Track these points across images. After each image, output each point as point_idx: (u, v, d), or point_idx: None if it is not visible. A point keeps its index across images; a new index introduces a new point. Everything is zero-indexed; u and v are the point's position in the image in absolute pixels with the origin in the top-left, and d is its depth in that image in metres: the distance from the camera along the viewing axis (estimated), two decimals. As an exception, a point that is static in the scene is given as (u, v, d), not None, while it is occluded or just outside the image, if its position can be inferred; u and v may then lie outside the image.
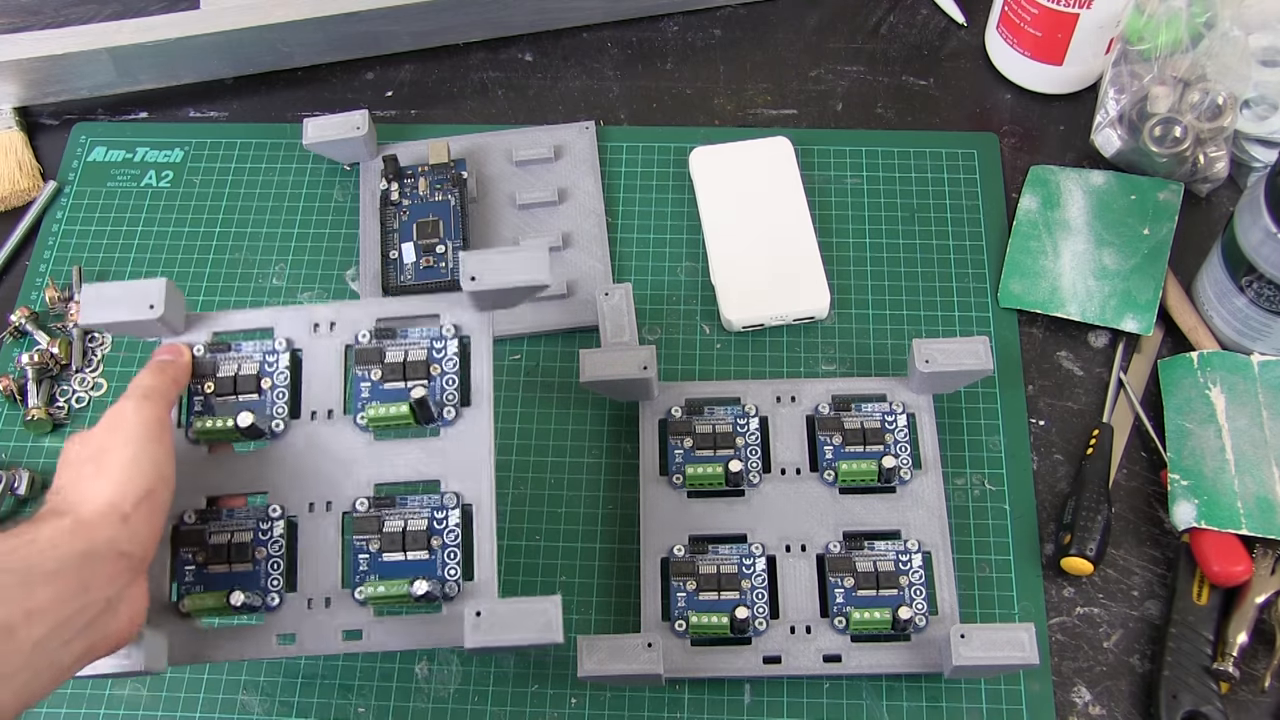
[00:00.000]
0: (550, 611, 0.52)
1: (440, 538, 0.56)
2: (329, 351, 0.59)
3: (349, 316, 0.59)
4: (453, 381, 0.58)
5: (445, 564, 0.56)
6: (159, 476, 0.51)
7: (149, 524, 0.50)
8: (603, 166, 0.78)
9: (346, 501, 0.57)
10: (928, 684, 0.62)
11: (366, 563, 0.56)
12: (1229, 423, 0.65)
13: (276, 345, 0.59)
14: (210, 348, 0.59)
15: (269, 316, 0.60)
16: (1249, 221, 0.63)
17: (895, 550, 0.63)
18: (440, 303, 0.59)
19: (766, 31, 0.84)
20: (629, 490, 0.68)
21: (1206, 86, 0.71)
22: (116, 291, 0.57)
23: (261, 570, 0.56)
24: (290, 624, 0.56)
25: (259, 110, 0.83)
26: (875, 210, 0.76)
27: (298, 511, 0.57)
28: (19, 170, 0.79)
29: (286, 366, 0.59)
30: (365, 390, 0.58)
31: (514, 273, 0.56)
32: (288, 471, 0.58)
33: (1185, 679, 0.60)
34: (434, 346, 0.58)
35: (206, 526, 0.57)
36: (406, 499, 0.57)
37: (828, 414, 0.66)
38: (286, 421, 0.58)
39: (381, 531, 0.56)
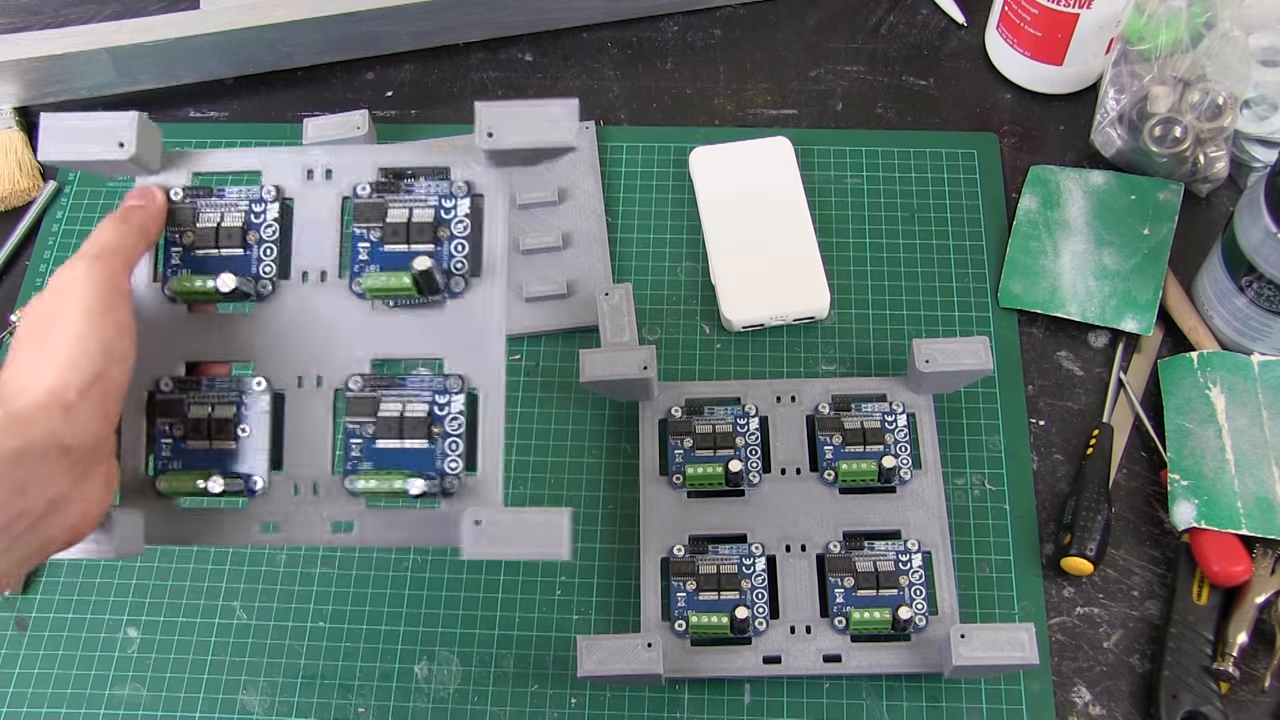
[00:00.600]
0: (559, 523, 0.47)
1: (441, 425, 0.50)
2: (324, 203, 0.52)
3: (347, 163, 0.52)
4: (462, 247, 0.51)
5: (446, 455, 0.50)
6: (111, 355, 0.45)
7: (98, 411, 0.44)
8: (603, 166, 0.78)
9: (339, 377, 0.51)
10: (928, 684, 0.62)
11: (359, 449, 0.50)
12: (1229, 423, 0.65)
13: (264, 193, 0.52)
14: (190, 192, 0.52)
15: (257, 158, 0.53)
16: (1249, 221, 0.63)
17: (895, 550, 0.63)
18: (451, 154, 0.52)
19: (766, 31, 0.84)
20: (629, 490, 0.68)
21: (1206, 86, 0.71)
22: (81, 123, 0.50)
23: (243, 449, 0.51)
24: (276, 510, 0.50)
25: (259, 110, 0.83)
26: (875, 210, 0.76)
27: (285, 385, 0.51)
28: (19, 170, 0.79)
29: (275, 218, 0.52)
30: (363, 252, 0.51)
31: (537, 131, 0.48)
32: (275, 339, 0.51)
33: (1185, 679, 0.60)
34: (443, 205, 0.51)
35: (185, 396, 0.51)
36: (405, 379, 0.51)
37: (828, 414, 0.66)
38: (274, 282, 0.51)
39: (377, 415, 0.50)
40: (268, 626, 0.65)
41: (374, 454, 0.50)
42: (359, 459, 0.50)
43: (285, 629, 0.65)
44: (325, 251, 0.52)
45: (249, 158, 0.53)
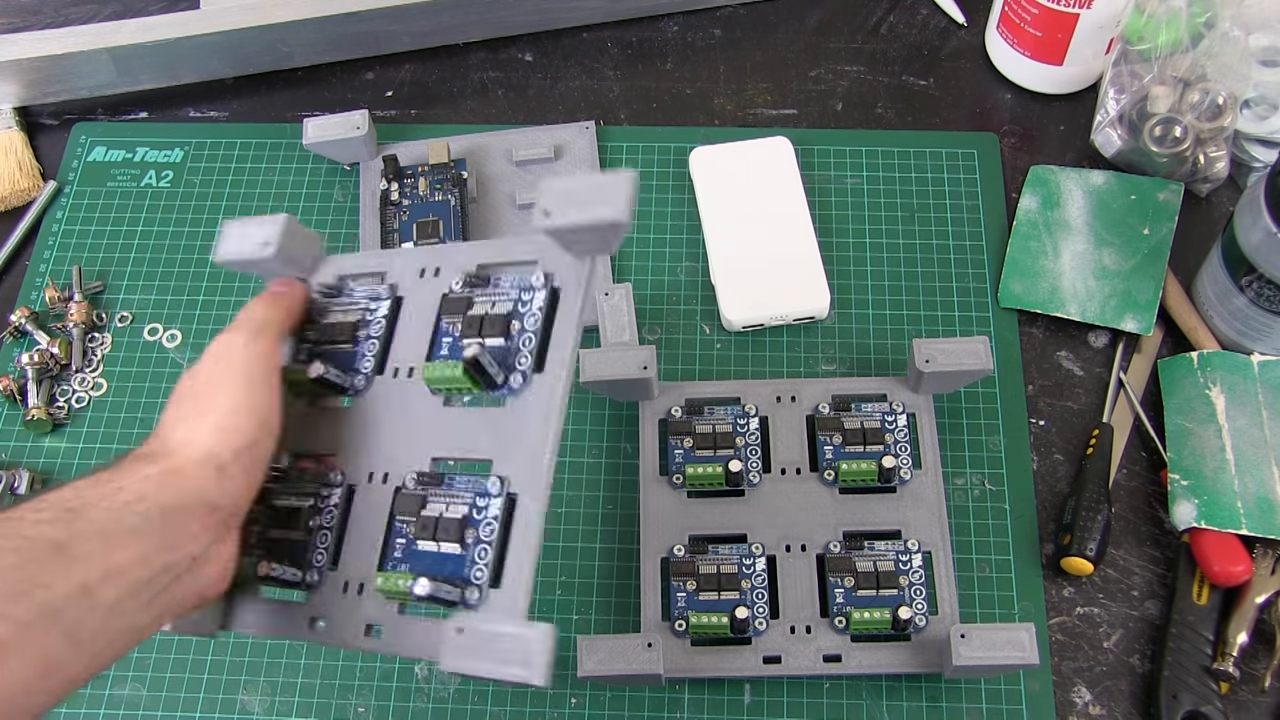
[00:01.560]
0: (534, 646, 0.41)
1: (476, 529, 0.46)
2: (428, 300, 0.51)
3: (454, 261, 0.51)
4: (529, 341, 0.48)
5: (475, 562, 0.46)
6: (265, 425, 0.46)
7: (247, 477, 0.46)
8: (603, 166, 0.78)
9: (402, 475, 0.49)
10: (928, 684, 0.62)
11: (402, 550, 0.48)
12: (1229, 423, 0.65)
13: (382, 291, 0.52)
14: (326, 291, 0.53)
15: (384, 260, 0.53)
16: (1249, 221, 0.63)
17: (895, 550, 0.63)
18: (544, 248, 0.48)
19: (766, 31, 0.84)
20: (629, 490, 0.68)
21: (1206, 86, 0.71)
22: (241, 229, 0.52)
23: (311, 541, 0.50)
24: (325, 607, 0.49)
25: (259, 110, 0.83)
26: (875, 210, 0.76)
27: (358, 480, 0.50)
28: (19, 170, 0.79)
29: (385, 315, 0.52)
30: (445, 347, 0.50)
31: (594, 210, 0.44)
32: (360, 433, 0.50)
33: (1185, 679, 0.60)
34: (520, 298, 0.49)
35: (275, 486, 0.51)
36: (455, 479, 0.48)
37: (828, 414, 0.66)
38: (369, 377, 0.51)
39: (419, 514, 0.48)
40: (268, 626, 0.65)
41: (413, 555, 0.48)
42: (399, 560, 0.48)
43: (285, 629, 0.65)
44: (419, 348, 0.51)
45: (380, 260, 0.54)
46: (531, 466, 0.46)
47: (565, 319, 0.47)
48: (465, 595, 0.45)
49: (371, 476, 0.50)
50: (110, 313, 0.75)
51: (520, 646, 0.41)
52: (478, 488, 0.47)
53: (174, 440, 0.45)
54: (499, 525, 0.46)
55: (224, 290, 0.75)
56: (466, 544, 0.46)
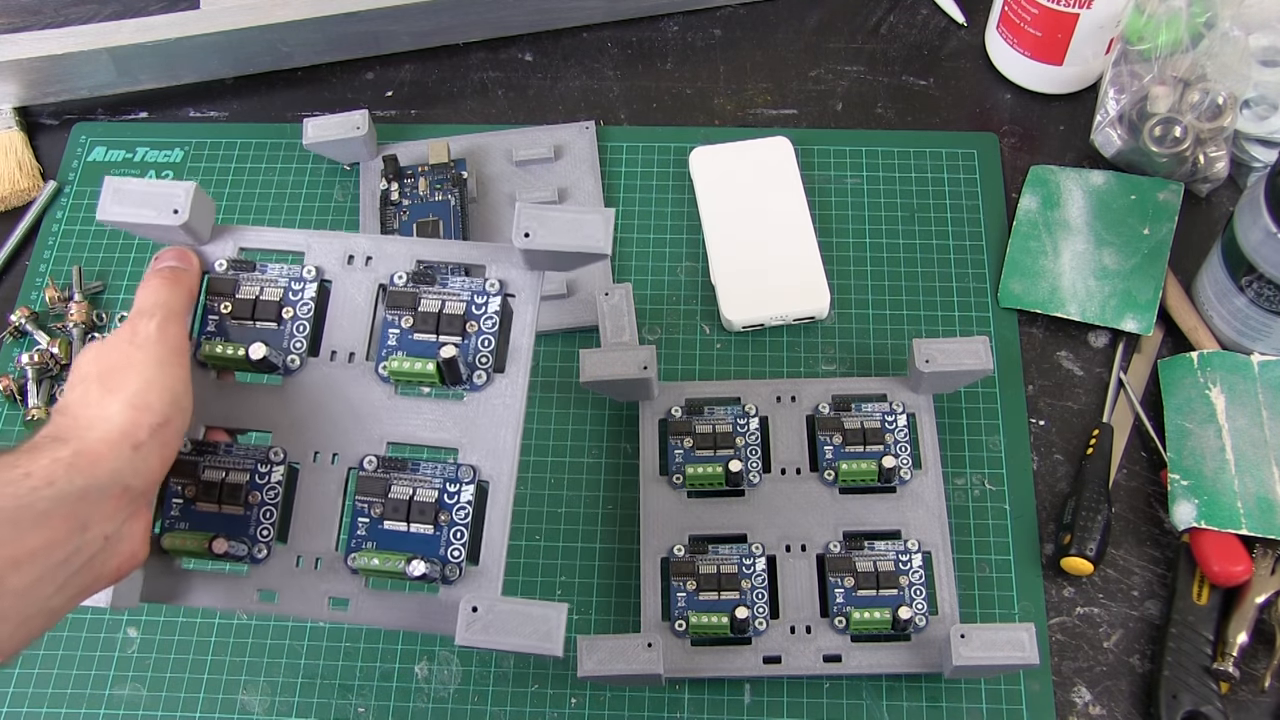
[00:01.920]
0: (552, 619, 0.48)
1: (449, 513, 0.51)
2: (360, 288, 0.54)
3: (388, 252, 0.54)
4: (488, 342, 0.52)
5: (450, 543, 0.51)
6: (178, 404, 0.47)
7: (160, 456, 0.46)
8: (603, 166, 0.78)
9: (355, 457, 0.52)
10: (928, 684, 0.62)
11: (366, 528, 0.51)
12: (1229, 423, 0.65)
13: (305, 273, 0.54)
14: (234, 264, 0.54)
15: (302, 239, 0.54)
16: (1249, 221, 0.63)
17: (895, 550, 0.63)
18: (489, 253, 0.53)
19: (766, 31, 0.84)
20: (629, 490, 0.68)
21: (1206, 86, 0.71)
22: (140, 189, 0.52)
23: (253, 517, 0.52)
24: (275, 580, 0.51)
25: (259, 110, 0.83)
26: (875, 210, 0.76)
27: (301, 459, 0.52)
28: (19, 170, 0.79)
29: (312, 297, 0.53)
30: (393, 338, 0.53)
31: (571, 237, 0.50)
32: (297, 413, 0.53)
33: (1185, 679, 0.60)
34: (474, 301, 0.52)
35: (201, 460, 0.52)
36: (419, 464, 0.52)
37: (828, 414, 0.66)
38: (303, 358, 0.53)
39: (387, 496, 0.51)
40: (268, 626, 0.65)
41: (379, 534, 0.51)
42: (364, 538, 0.51)
43: (285, 629, 0.65)
44: (356, 334, 0.53)
45: (294, 237, 0.55)
46: (501, 457, 0.51)
47: (521, 324, 0.52)
48: (446, 572, 0.50)
49: (318, 456, 0.52)
50: (110, 313, 0.75)
51: (541, 623, 0.48)
52: (447, 474, 0.51)
53: (84, 418, 0.45)
54: (472, 509, 0.51)
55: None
56: (440, 525, 0.51)
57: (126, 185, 0.52)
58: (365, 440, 0.52)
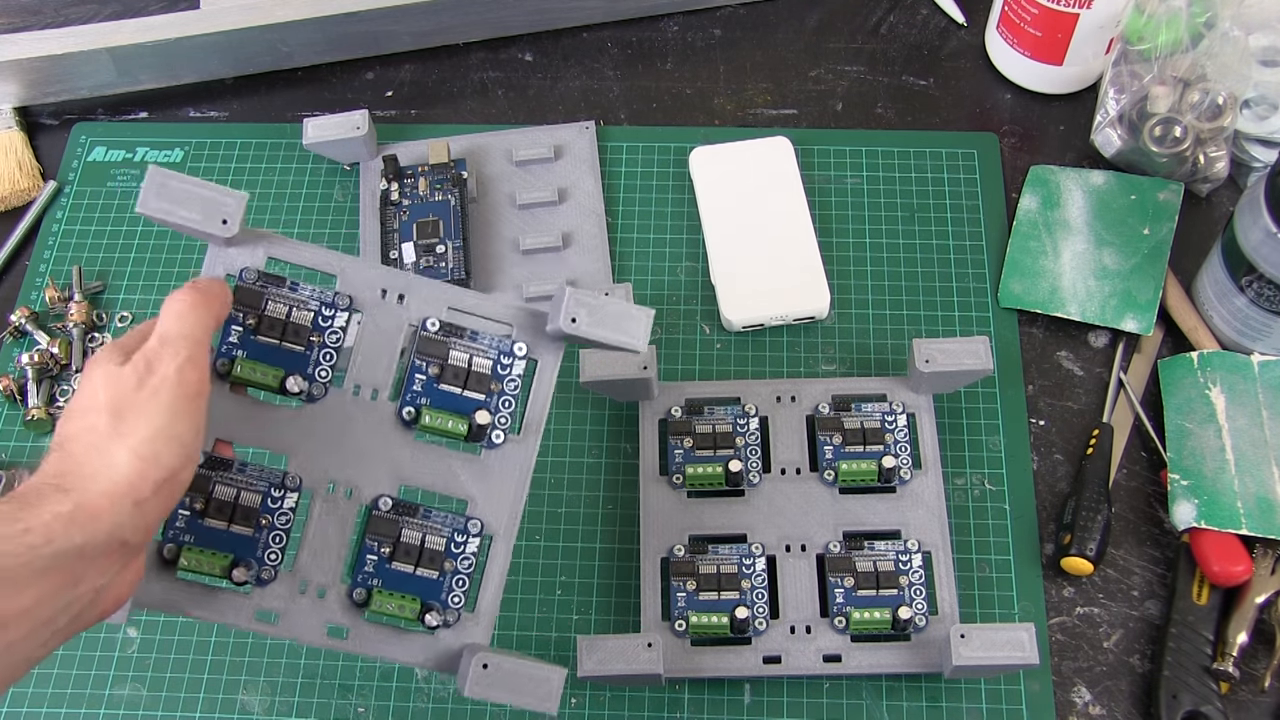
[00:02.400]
0: (554, 681, 0.52)
1: (454, 561, 0.54)
2: (392, 326, 0.54)
3: (422, 294, 0.54)
4: (509, 404, 0.54)
5: (452, 590, 0.53)
6: (185, 457, 0.44)
7: (161, 510, 0.44)
8: (603, 166, 0.78)
9: (369, 494, 0.53)
10: (928, 684, 0.62)
11: (374, 565, 0.53)
12: (1229, 423, 0.65)
13: (337, 300, 0.53)
14: (264, 277, 0.53)
15: (336, 262, 0.53)
16: (1249, 221, 0.63)
17: (895, 550, 0.63)
18: (519, 316, 0.54)
19: (766, 31, 0.84)
20: (629, 490, 0.68)
21: (1206, 86, 0.71)
22: (189, 188, 0.50)
23: (261, 539, 0.52)
24: (276, 603, 0.52)
25: (259, 110, 0.83)
26: (875, 210, 0.76)
27: (315, 488, 0.53)
28: (19, 170, 0.79)
29: (342, 327, 0.53)
30: (418, 384, 0.53)
31: (615, 331, 0.52)
32: (316, 442, 0.53)
33: (1185, 679, 0.60)
34: (500, 362, 0.54)
35: (213, 474, 0.52)
36: (431, 511, 0.54)
37: (828, 414, 0.66)
38: (327, 387, 0.53)
39: (398, 539, 0.53)
40: (268, 626, 0.65)
41: (385, 574, 0.53)
42: (370, 575, 0.53)
43: (285, 629, 0.65)
44: (381, 372, 0.53)
45: (328, 259, 0.53)
46: (507, 514, 0.54)
47: (540, 391, 0.54)
48: (446, 617, 0.53)
49: (333, 488, 0.53)
50: (110, 313, 0.75)
51: (543, 684, 0.52)
52: (455, 524, 0.54)
53: (89, 466, 0.43)
54: (476, 561, 0.54)
55: (224, 290, 0.75)
56: (445, 573, 0.53)
57: (174, 181, 0.50)
58: (382, 479, 0.53)
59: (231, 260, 0.53)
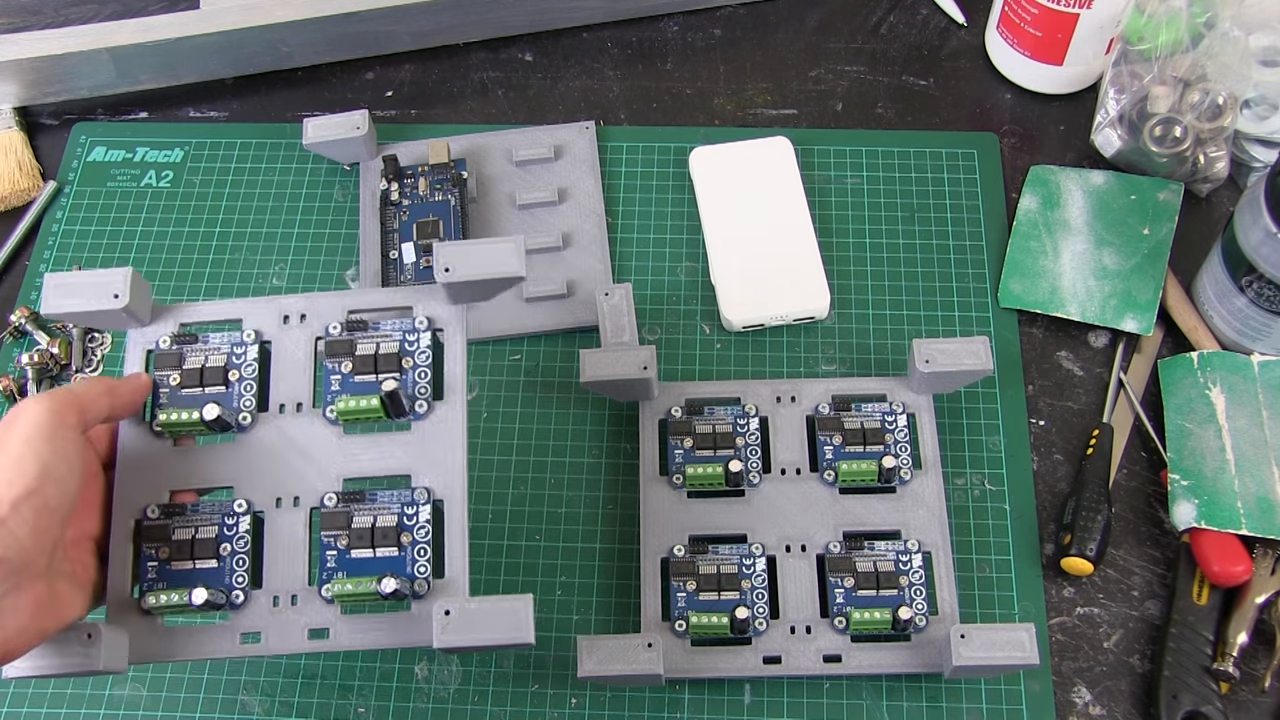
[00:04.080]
0: (521, 611, 0.51)
1: (410, 534, 0.55)
2: (299, 344, 0.58)
3: (319, 308, 0.58)
4: (425, 375, 0.56)
5: (415, 561, 0.54)
6: (48, 476, 0.48)
7: (31, 527, 0.47)
8: (603, 166, 0.78)
9: (315, 497, 0.55)
10: (928, 684, 0.62)
11: (334, 559, 0.55)
12: (1229, 423, 0.65)
13: (245, 337, 0.58)
14: (177, 339, 0.58)
15: (238, 308, 0.58)
16: (1249, 221, 0.63)
17: (895, 550, 0.63)
18: (413, 295, 0.58)
19: (766, 31, 0.84)
20: (629, 490, 0.68)
21: (1206, 86, 0.71)
22: (80, 280, 0.56)
23: (226, 567, 0.55)
24: (256, 622, 0.54)
25: (259, 110, 0.83)
26: (875, 210, 0.76)
27: (264, 507, 0.56)
28: (19, 170, 0.79)
29: (255, 359, 0.57)
30: (335, 383, 0.57)
31: (488, 264, 0.54)
32: (255, 466, 0.56)
33: (1185, 679, 0.60)
34: (406, 339, 0.57)
35: (170, 522, 0.55)
36: (376, 494, 0.55)
37: (828, 414, 0.66)
38: (254, 415, 0.57)
39: (350, 527, 0.55)
40: (268, 626, 0.65)
41: (347, 564, 0.54)
42: (334, 569, 0.54)
43: (285, 629, 0.65)
44: (301, 386, 0.57)
45: (231, 308, 0.59)
46: (451, 476, 0.55)
47: (453, 354, 0.57)
48: (415, 588, 0.54)
49: (280, 502, 0.56)
50: (110, 313, 0.75)
51: (510, 615, 0.51)
52: (403, 499, 0.55)
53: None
54: (431, 527, 0.54)
55: (224, 291, 0.75)
56: (404, 546, 0.54)
57: (67, 279, 0.56)
58: (323, 480, 0.56)
59: (149, 338, 0.58)
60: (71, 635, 0.51)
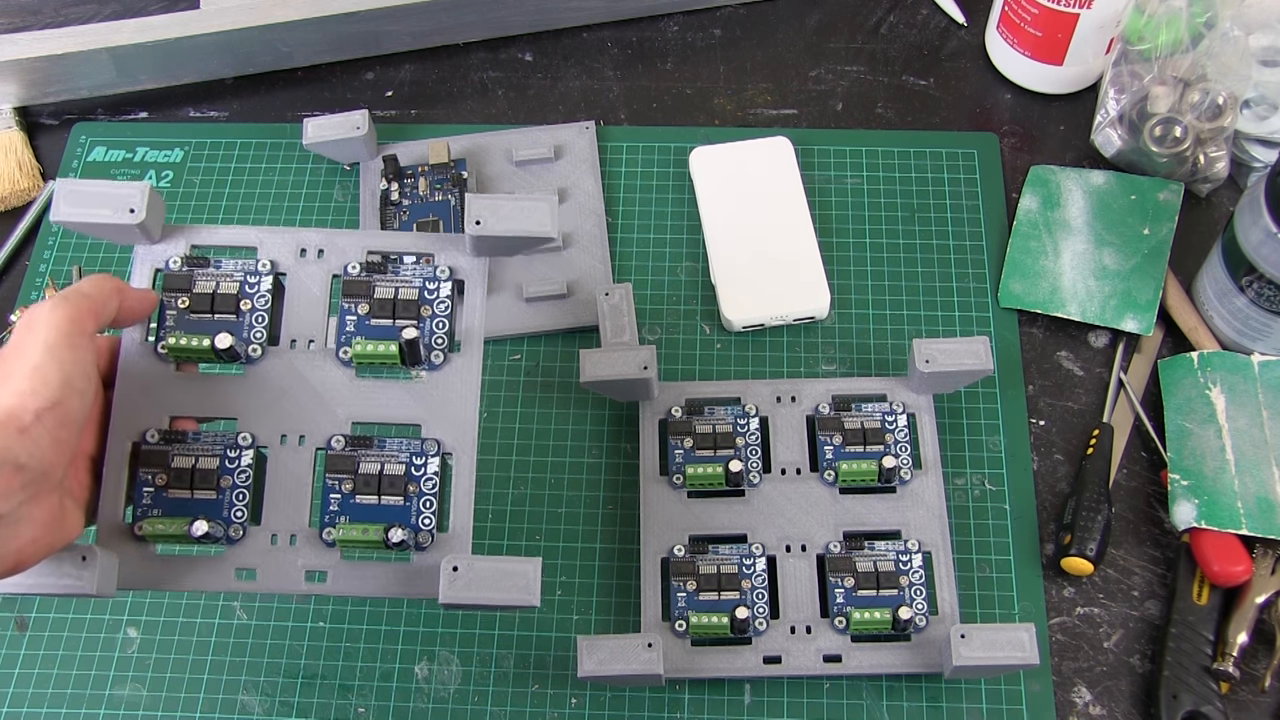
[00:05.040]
0: (530, 573, 0.51)
1: (417, 484, 0.54)
2: (315, 279, 0.56)
3: (339, 244, 0.57)
4: (443, 325, 0.56)
5: (420, 512, 0.54)
6: (70, 385, 0.47)
7: (53, 436, 0.46)
8: (603, 166, 0.78)
9: (322, 438, 0.55)
10: (928, 684, 0.62)
11: (338, 503, 0.54)
12: (1229, 423, 0.65)
13: (259, 266, 0.56)
14: (188, 260, 0.56)
15: (254, 235, 0.57)
16: (1249, 221, 0.63)
17: (895, 550, 0.63)
18: (436, 242, 0.57)
19: (766, 31, 0.84)
20: (629, 490, 0.68)
21: (1206, 86, 0.71)
22: (95, 189, 0.54)
23: (225, 500, 0.54)
24: (252, 559, 0.53)
25: (259, 110, 0.83)
26: (875, 210, 0.76)
27: (269, 442, 0.55)
28: (19, 170, 0.79)
29: (268, 290, 0.56)
30: (350, 324, 0.55)
31: (520, 221, 0.54)
32: (261, 400, 0.55)
33: (1185, 679, 0.60)
34: (426, 286, 0.56)
35: (170, 448, 0.54)
36: (385, 441, 0.55)
37: (828, 414, 0.66)
38: (264, 347, 0.55)
39: (356, 472, 0.54)
40: (268, 626, 0.65)
41: (351, 509, 0.54)
42: (337, 513, 0.54)
43: (285, 629, 0.65)
44: (315, 323, 0.56)
45: (246, 235, 0.57)
46: (462, 430, 0.54)
47: (473, 305, 0.56)
48: (418, 539, 0.53)
49: (285, 439, 0.54)
50: (110, 313, 0.75)
51: (519, 577, 0.51)
52: (412, 449, 0.54)
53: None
54: (438, 480, 0.54)
55: (224, 290, 0.75)
56: (410, 496, 0.54)
57: (81, 186, 0.53)
58: (331, 421, 0.55)
59: (157, 256, 0.56)
60: (66, 556, 0.50)
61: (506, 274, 0.74)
